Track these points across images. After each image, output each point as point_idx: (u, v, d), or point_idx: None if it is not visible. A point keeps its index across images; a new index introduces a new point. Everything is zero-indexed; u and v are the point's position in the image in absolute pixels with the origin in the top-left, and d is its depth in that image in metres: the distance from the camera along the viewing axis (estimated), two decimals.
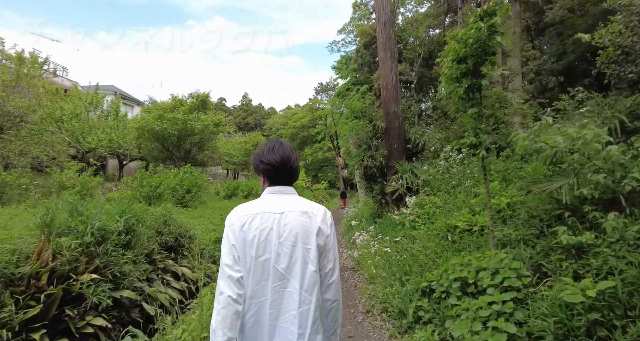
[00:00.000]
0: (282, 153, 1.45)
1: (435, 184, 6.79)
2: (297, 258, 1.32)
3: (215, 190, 19.67)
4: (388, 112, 7.77)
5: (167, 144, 17.40)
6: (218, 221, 11.51)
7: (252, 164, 1.53)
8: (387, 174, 7.86)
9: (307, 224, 1.36)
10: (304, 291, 1.30)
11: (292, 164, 1.47)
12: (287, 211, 1.37)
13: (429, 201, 6.07)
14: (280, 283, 1.30)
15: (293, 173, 1.48)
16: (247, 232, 1.31)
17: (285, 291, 1.30)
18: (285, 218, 1.35)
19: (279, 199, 1.41)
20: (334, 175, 41.73)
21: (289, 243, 1.32)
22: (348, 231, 9.71)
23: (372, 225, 7.76)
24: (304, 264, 1.32)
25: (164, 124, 15.45)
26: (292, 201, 1.42)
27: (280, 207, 1.37)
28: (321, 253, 1.37)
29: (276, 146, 1.48)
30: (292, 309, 1.28)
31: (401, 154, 7.68)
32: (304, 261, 1.32)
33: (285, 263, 1.31)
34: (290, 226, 1.34)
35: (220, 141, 34.86)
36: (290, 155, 1.47)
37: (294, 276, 1.31)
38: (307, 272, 1.32)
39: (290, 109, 68.53)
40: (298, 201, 1.43)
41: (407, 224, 5.98)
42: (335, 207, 24.06)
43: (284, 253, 1.31)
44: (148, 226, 5.76)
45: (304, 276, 1.31)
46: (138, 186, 11.47)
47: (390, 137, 7.73)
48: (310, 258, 1.33)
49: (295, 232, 1.34)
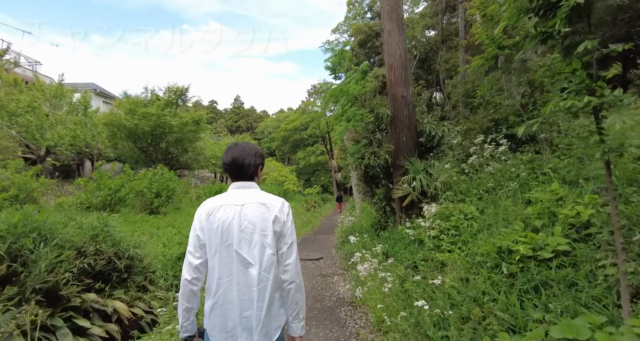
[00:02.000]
0: (233, 153, 1.64)
1: (461, 187, 5.16)
2: (256, 243, 1.52)
3: (197, 194, 17.89)
4: (395, 97, 6.16)
5: (141, 142, 15.57)
6: (188, 231, 9.75)
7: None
8: (394, 175, 6.22)
9: (265, 214, 1.55)
10: (262, 271, 1.52)
11: (243, 162, 1.63)
12: (247, 203, 1.57)
13: (457, 211, 4.43)
14: (242, 264, 1.51)
15: (246, 170, 1.64)
16: (212, 222, 1.53)
17: (248, 271, 1.51)
18: (245, 209, 1.55)
19: (240, 193, 1.62)
20: (327, 179, 40.35)
21: (249, 230, 1.52)
22: (344, 245, 8.03)
23: (374, 240, 6.10)
24: (262, 248, 1.53)
25: (135, 120, 13.65)
26: (252, 194, 1.62)
27: (241, 200, 1.58)
28: (278, 238, 1.57)
29: (231, 147, 1.69)
30: (253, 286, 1.50)
31: (412, 149, 6.06)
32: (262, 246, 1.53)
33: (246, 248, 1.52)
34: (250, 216, 1.54)
35: (207, 143, 33.12)
36: (240, 154, 1.63)
37: (254, 258, 1.51)
38: (265, 255, 1.53)
39: (283, 113, 67.45)
40: (258, 194, 1.63)
41: (428, 242, 4.32)
42: (330, 212, 22.38)
43: (245, 239, 1.52)
44: (59, 245, 4.02)
45: (262, 258, 1.52)
46: (94, 189, 9.66)
47: (398, 129, 6.11)
48: (267, 243, 1.54)
49: (254, 221, 1.54)
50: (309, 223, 14.60)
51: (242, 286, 1.49)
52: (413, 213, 5.63)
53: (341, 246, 8.41)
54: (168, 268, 6.53)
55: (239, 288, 1.49)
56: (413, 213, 5.63)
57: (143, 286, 5.14)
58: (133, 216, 9.59)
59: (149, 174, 11.26)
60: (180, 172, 31.25)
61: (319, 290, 5.29)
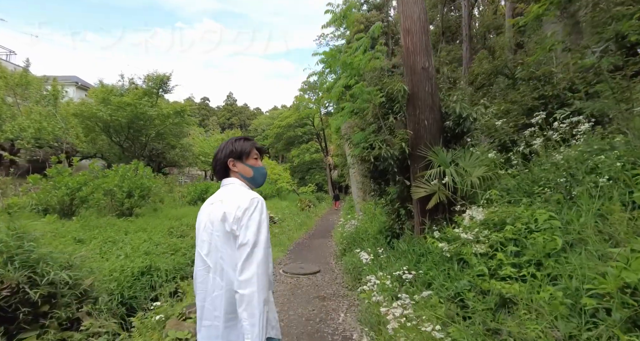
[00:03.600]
0: (214, 155, 1.63)
1: (508, 184, 3.84)
2: (212, 246, 1.43)
3: (181, 194, 16.43)
4: (414, 69, 4.81)
5: (117, 136, 14.05)
6: (162, 237, 8.34)
7: None
8: (412, 168, 4.88)
9: (217, 212, 1.42)
10: (217, 276, 1.40)
11: (214, 159, 1.60)
12: (215, 202, 1.49)
13: (514, 217, 3.10)
14: (203, 267, 1.46)
15: (216, 166, 1.59)
16: (197, 222, 1.55)
17: (208, 275, 1.43)
18: (211, 207, 1.48)
19: (219, 191, 1.57)
20: (321, 178, 39.17)
21: (208, 231, 1.45)
22: (345, 254, 6.69)
23: (386, 252, 4.76)
24: (215, 251, 1.41)
25: (109, 110, 12.13)
26: (224, 191, 1.53)
27: (214, 198, 1.54)
28: (234, 241, 1.37)
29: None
30: (210, 292, 1.41)
31: (436, 136, 4.72)
32: (216, 248, 1.41)
33: (205, 250, 1.45)
34: (212, 215, 1.45)
35: (197, 139, 31.54)
36: (215, 153, 1.62)
37: (211, 261, 1.42)
38: (217, 259, 1.40)
39: (276, 110, 66.33)
40: (228, 191, 1.51)
41: (477, 262, 2.99)
42: (325, 211, 21.24)
43: (204, 241, 1.46)
44: None
45: (215, 262, 1.41)
46: (51, 188, 8.20)
47: (418, 110, 4.76)
48: (219, 245, 1.40)
49: (211, 220, 1.44)
50: (303, 225, 13.24)
51: (203, 292, 1.44)
52: (441, 218, 4.30)
53: (342, 255, 7.07)
54: (125, 287, 5.14)
55: (200, 293, 1.46)
56: (441, 218, 4.30)
57: (77, 319, 3.76)
58: (96, 219, 8.15)
59: (119, 170, 9.79)
60: (168, 170, 29.78)
61: (317, 323, 3.93)
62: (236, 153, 1.57)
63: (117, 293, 4.88)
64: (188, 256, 7.18)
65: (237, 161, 1.57)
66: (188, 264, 6.91)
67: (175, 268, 6.39)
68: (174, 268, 6.35)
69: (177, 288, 5.79)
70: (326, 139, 36.93)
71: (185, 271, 6.53)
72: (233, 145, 1.59)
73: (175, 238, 8.35)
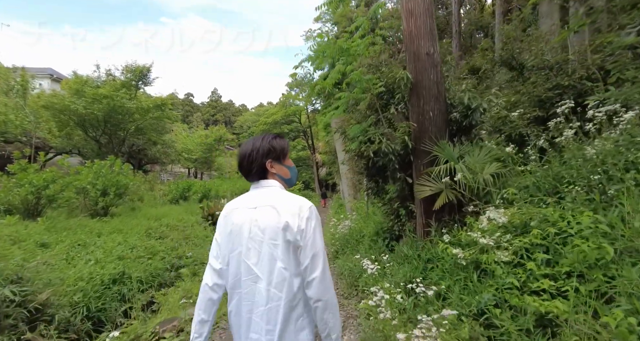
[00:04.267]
0: (238, 153, 1.47)
1: (526, 181, 3.43)
2: (264, 254, 1.30)
3: (163, 192, 15.66)
4: (417, 55, 4.36)
5: (94, 131, 13.17)
6: (139, 239, 7.69)
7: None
8: (415, 165, 4.44)
9: (275, 220, 1.30)
10: (272, 287, 1.28)
11: (243, 162, 1.43)
12: (259, 206, 1.35)
13: (542, 220, 2.68)
14: (250, 277, 1.31)
15: (250, 170, 1.42)
16: (227, 226, 1.39)
17: (256, 286, 1.30)
18: (257, 213, 1.34)
19: (256, 194, 1.40)
20: (308, 176, 38.75)
21: (257, 238, 1.31)
22: (338, 256, 6.23)
23: (387, 256, 4.32)
24: (272, 261, 1.29)
25: (83, 103, 11.28)
26: (267, 195, 1.38)
27: (255, 202, 1.37)
28: (296, 250, 1.29)
29: (240, 146, 1.48)
30: (261, 304, 1.28)
31: (442, 128, 4.29)
32: (272, 258, 1.29)
33: (254, 259, 1.31)
34: (260, 221, 1.32)
35: (179, 136, 30.58)
36: (243, 154, 1.44)
37: (262, 272, 1.29)
38: (275, 269, 1.29)
39: (262, 107, 65.51)
40: (273, 195, 1.38)
41: (503, 273, 2.55)
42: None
43: (254, 249, 1.31)
44: None
45: (271, 272, 1.29)
46: (13, 185, 7.43)
47: (422, 100, 4.32)
48: (278, 255, 1.29)
49: (263, 228, 1.31)
50: None
51: (249, 303, 1.31)
52: (449, 220, 3.87)
53: (334, 257, 6.60)
54: (92, 298, 4.54)
55: (245, 304, 1.32)
56: (449, 220, 3.87)
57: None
58: (64, 220, 7.44)
59: (93, 167, 9.05)
60: (150, 167, 28.71)
61: None
62: (276, 153, 1.44)
63: (83, 306, 4.29)
64: (167, 260, 6.59)
65: (275, 161, 1.45)
66: (167, 269, 6.34)
67: (152, 275, 5.80)
68: (151, 274, 5.77)
69: (153, 298, 5.22)
70: (313, 137, 36.52)
71: (163, 278, 5.95)
72: (271, 144, 1.44)
73: (153, 240, 7.73)
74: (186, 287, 5.04)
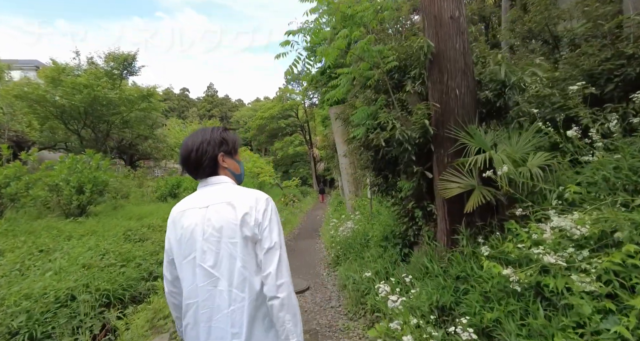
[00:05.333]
0: (183, 147, 1.30)
1: (593, 177, 2.60)
2: (223, 255, 1.20)
3: (152, 188, 14.79)
4: (439, 19, 3.50)
5: (75, 124, 12.23)
6: (114, 243, 6.84)
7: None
8: (438, 156, 3.58)
9: (231, 216, 1.20)
10: (234, 288, 1.18)
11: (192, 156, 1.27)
12: (212, 204, 1.24)
13: (636, 228, 1.86)
14: (209, 281, 1.20)
15: (199, 165, 1.28)
16: (176, 232, 1.26)
17: (216, 289, 1.19)
18: (209, 212, 1.23)
19: (207, 192, 1.29)
20: (306, 171, 38.07)
21: (213, 239, 1.20)
22: (340, 263, 5.40)
23: (401, 272, 3.49)
24: (231, 260, 1.19)
25: (61, 92, 10.34)
26: (219, 192, 1.27)
27: (206, 201, 1.26)
28: (254, 244, 1.21)
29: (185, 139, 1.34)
30: (223, 308, 1.18)
31: (470, 111, 3.44)
32: (231, 257, 1.19)
33: (211, 261, 1.20)
34: (214, 220, 1.21)
35: (172, 130, 29.66)
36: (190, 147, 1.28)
37: (222, 273, 1.19)
38: (235, 268, 1.19)
39: (259, 102, 64.68)
40: (225, 191, 1.27)
41: (588, 312, 1.73)
42: (310, 207, 20.07)
43: (210, 251, 1.20)
44: None
45: (232, 273, 1.19)
46: None
47: (445, 74, 3.47)
48: (237, 253, 1.19)
49: (219, 226, 1.20)
50: (287, 223, 11.90)
51: (208, 310, 1.19)
52: (484, 225, 3.05)
53: (335, 263, 5.78)
54: (39, 322, 3.69)
55: (204, 312, 1.20)
56: (484, 225, 3.05)
57: None
58: (28, 223, 6.58)
59: (67, 161, 8.17)
60: (143, 163, 27.76)
61: None
62: (228, 146, 1.33)
63: (25, 333, 3.45)
64: (144, 268, 5.74)
65: (227, 155, 1.33)
66: (144, 277, 5.50)
67: (123, 287, 4.95)
68: (121, 286, 4.92)
69: (122, 313, 4.39)
70: (310, 132, 35.72)
71: (136, 289, 5.11)
72: (222, 136, 1.32)
73: (131, 243, 6.87)
74: (158, 306, 4.20)
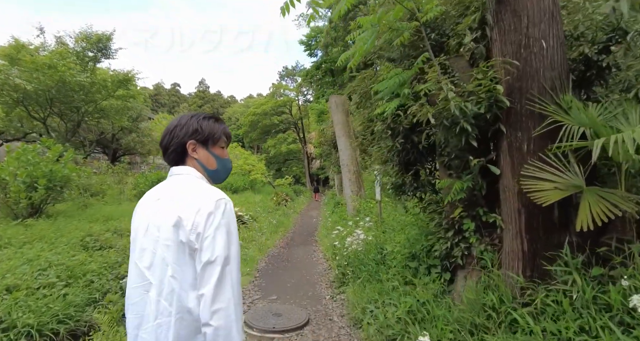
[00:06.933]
0: (166, 127, 1.19)
1: None
2: (158, 257, 1.01)
3: (132, 185, 13.43)
4: None
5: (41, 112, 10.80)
6: (64, 252, 5.55)
7: None
8: (513, 140, 2.39)
9: (169, 214, 1.01)
10: (162, 299, 0.99)
11: (169, 135, 1.15)
12: (162, 198, 1.08)
13: None
14: (141, 284, 1.03)
15: (169, 146, 1.15)
16: (133, 223, 1.14)
17: (148, 295, 1.01)
18: (158, 205, 1.07)
19: (166, 183, 1.15)
20: (299, 170, 37.10)
21: (152, 237, 1.04)
22: (346, 282, 4.21)
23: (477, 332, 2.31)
24: (163, 266, 1.00)
25: (18, 72, 8.93)
26: (174, 184, 1.11)
27: (160, 192, 1.12)
28: (191, 253, 0.98)
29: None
30: (151, 319, 1.00)
31: (562, 72, 2.27)
32: (164, 262, 1.00)
33: (147, 261, 1.03)
34: (158, 216, 1.04)
35: (159, 124, 28.19)
36: (169, 127, 1.17)
37: (154, 278, 1.01)
38: (165, 276, 0.99)
39: (252, 98, 63.63)
40: (180, 184, 1.10)
41: None
42: (304, 206, 18.94)
43: (148, 249, 1.04)
44: None
45: (162, 280, 0.99)
46: None
47: (523, 20, 2.29)
48: (169, 259, 0.99)
49: (157, 224, 1.03)
50: (280, 226, 10.64)
51: (138, 317, 1.03)
52: (595, 247, 1.87)
53: (340, 282, 4.58)
54: None
55: (133, 318, 1.04)
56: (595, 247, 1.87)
57: None
58: None
59: (16, 152, 6.82)
60: (130, 158, 26.22)
61: None
62: (202, 135, 1.15)
63: None
64: (96, 287, 4.47)
65: (199, 145, 1.16)
66: (93, 301, 4.23)
67: (59, 318, 3.67)
68: (55, 317, 3.63)
69: None
70: (304, 129, 34.70)
71: (77, 319, 3.84)
72: (199, 123, 1.16)
73: (89, 252, 5.57)
74: None
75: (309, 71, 33.66)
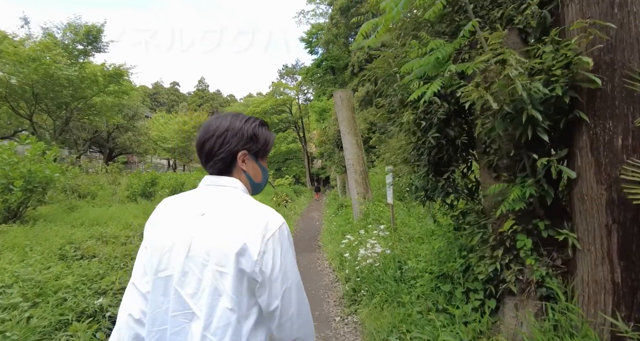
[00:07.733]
0: (201, 131, 0.98)
1: None
2: (206, 285, 0.82)
3: (125, 186, 12.83)
4: None
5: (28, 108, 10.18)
6: (39, 265, 4.94)
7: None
8: (597, 133, 1.79)
9: (227, 238, 0.83)
10: (209, 333, 0.81)
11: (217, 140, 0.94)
12: (209, 213, 0.88)
13: None
14: (182, 312, 0.84)
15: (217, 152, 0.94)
16: (154, 235, 0.92)
17: (189, 326, 0.83)
18: (204, 223, 0.87)
19: (208, 194, 0.94)
20: (299, 170, 36.60)
21: (199, 260, 0.83)
22: (360, 296, 3.61)
23: None
24: (214, 296, 0.82)
25: (2, 66, 8.32)
26: (223, 199, 0.91)
27: (204, 206, 0.90)
28: (252, 284, 0.83)
29: (205, 122, 1.01)
30: None
31: None
32: (215, 291, 0.82)
33: (191, 288, 0.84)
34: (208, 236, 0.84)
35: (156, 123, 27.67)
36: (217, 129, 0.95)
37: (200, 308, 0.82)
38: (218, 308, 0.82)
39: (251, 97, 63.26)
40: (232, 200, 0.91)
41: None
42: (305, 207, 18.31)
43: (192, 273, 0.84)
44: None
45: (212, 312, 0.82)
46: None
47: None
48: (224, 289, 0.82)
49: (210, 246, 0.83)
50: None
51: None
52: None
53: (350, 300, 3.98)
54: None
55: None
56: None
57: None
58: None
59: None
60: (128, 158, 25.60)
61: None
62: (256, 145, 0.99)
63: None
64: (68, 306, 3.85)
65: (250, 156, 0.99)
66: (63, 325, 3.61)
67: None
68: None
69: None
70: (304, 129, 34.20)
71: None
72: (254, 130, 0.98)
73: (67, 263, 4.96)
74: None
75: (310, 69, 33.05)
